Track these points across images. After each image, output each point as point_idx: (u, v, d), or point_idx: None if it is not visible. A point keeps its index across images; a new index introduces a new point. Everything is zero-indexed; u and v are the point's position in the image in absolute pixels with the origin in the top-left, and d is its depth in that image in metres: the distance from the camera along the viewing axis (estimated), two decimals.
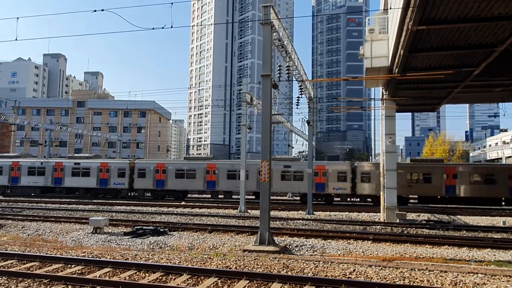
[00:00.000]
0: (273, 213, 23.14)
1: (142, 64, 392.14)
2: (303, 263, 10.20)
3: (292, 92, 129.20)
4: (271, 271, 9.40)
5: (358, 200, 33.26)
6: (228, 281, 8.53)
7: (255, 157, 78.91)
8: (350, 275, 9.07)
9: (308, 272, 9.27)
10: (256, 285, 8.27)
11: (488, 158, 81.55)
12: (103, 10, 15.28)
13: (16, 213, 23.55)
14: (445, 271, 9.34)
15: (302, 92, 22.83)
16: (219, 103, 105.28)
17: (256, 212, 23.58)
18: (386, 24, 19.23)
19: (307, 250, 13.64)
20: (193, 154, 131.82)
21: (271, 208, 16.89)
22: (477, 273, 9.22)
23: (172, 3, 15.79)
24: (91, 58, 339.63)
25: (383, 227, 19.49)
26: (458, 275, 9.03)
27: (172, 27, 15.19)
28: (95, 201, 31.79)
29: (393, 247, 14.01)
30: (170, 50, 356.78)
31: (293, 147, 46.12)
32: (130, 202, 30.83)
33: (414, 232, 17.82)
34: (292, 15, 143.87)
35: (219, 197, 35.93)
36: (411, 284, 8.45)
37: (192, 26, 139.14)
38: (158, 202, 31.09)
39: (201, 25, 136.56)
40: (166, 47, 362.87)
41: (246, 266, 9.88)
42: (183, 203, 31.08)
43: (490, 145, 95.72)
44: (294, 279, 8.48)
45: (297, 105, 24.64)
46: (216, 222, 20.32)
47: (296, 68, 20.19)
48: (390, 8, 17.19)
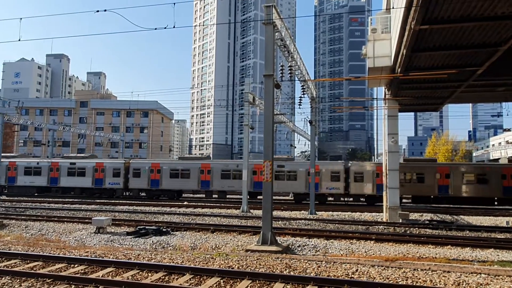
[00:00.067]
0: (275, 213, 23.14)
1: (144, 64, 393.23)
2: (306, 263, 10.19)
3: (294, 92, 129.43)
4: (274, 271, 9.40)
5: (352, 199, 33.37)
6: (231, 281, 8.53)
7: (258, 157, 78.88)
8: (353, 275, 9.06)
9: (311, 272, 9.27)
10: (258, 285, 8.27)
11: (491, 158, 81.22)
12: (105, 11, 15.31)
13: (20, 213, 23.66)
14: (448, 271, 9.32)
15: (305, 92, 22.81)
16: (221, 103, 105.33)
17: (259, 212, 23.60)
18: (389, 24, 19.19)
19: (309, 250, 13.63)
20: (195, 154, 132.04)
21: (274, 208, 16.88)
22: (480, 273, 9.18)
23: (174, 3, 15.83)
24: (94, 59, 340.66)
25: (385, 227, 19.45)
26: (461, 275, 9.00)
27: (174, 27, 15.22)
28: (98, 201, 31.88)
29: (395, 247, 13.99)
30: (173, 51, 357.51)
31: (295, 147, 46.11)
32: (133, 202, 30.90)
33: (417, 232, 17.79)
34: (294, 15, 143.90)
35: (213, 196, 35.93)
36: (414, 284, 8.43)
37: (195, 26, 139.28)
38: (160, 202, 31.14)
39: (203, 25, 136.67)
40: (168, 47, 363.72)
41: (249, 266, 9.88)
42: (185, 203, 31.11)
43: (493, 144, 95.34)
44: (297, 279, 8.48)
45: (299, 105, 24.67)
46: (219, 222, 20.34)
47: (299, 68, 20.18)
48: (393, 8, 17.16)
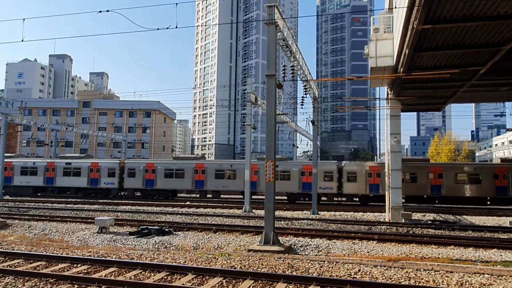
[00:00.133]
0: (277, 213, 23.14)
1: (147, 65, 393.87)
2: (308, 263, 10.18)
3: (296, 91, 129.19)
4: (276, 271, 9.40)
5: (345, 199, 33.44)
6: (233, 281, 8.53)
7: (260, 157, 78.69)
8: (355, 275, 9.05)
9: (313, 272, 9.26)
10: (261, 285, 8.27)
11: (494, 158, 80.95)
12: (108, 11, 15.35)
13: (23, 212, 23.74)
14: (451, 272, 9.29)
15: (307, 92, 22.80)
16: (223, 103, 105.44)
17: (261, 212, 23.61)
18: (391, 23, 19.14)
19: (312, 250, 13.62)
20: (197, 154, 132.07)
21: (276, 208, 16.89)
22: (483, 273, 9.15)
23: (176, 4, 15.85)
24: (97, 59, 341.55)
25: (388, 227, 19.41)
26: (464, 275, 8.98)
27: (176, 27, 15.26)
28: (100, 201, 31.97)
29: (398, 247, 13.96)
30: (175, 51, 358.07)
31: (297, 147, 45.99)
32: (135, 202, 30.98)
33: (420, 232, 17.73)
34: (297, 14, 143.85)
35: (207, 196, 36.02)
36: (417, 284, 8.41)
37: (197, 26, 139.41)
38: (163, 202, 31.20)
39: (205, 25, 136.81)
40: (170, 47, 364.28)
41: (251, 266, 9.88)
42: (187, 203, 31.15)
43: (496, 144, 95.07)
44: (299, 279, 8.47)
45: (301, 105, 24.62)
46: (221, 222, 20.35)
47: (301, 68, 20.17)
48: (395, 7, 17.12)
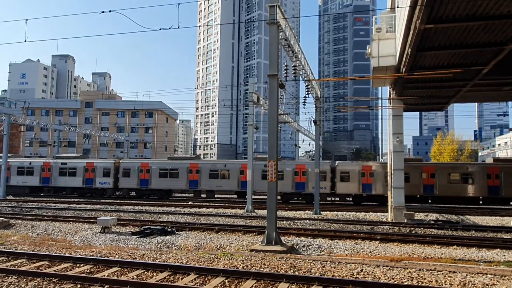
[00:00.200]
0: (280, 213, 23.14)
1: (149, 65, 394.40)
2: (310, 263, 10.18)
3: (299, 91, 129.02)
4: (278, 271, 9.40)
5: (338, 199, 33.50)
6: (235, 280, 8.54)
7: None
8: (358, 275, 9.04)
9: (315, 272, 9.26)
10: (263, 285, 8.27)
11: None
12: (110, 11, 15.38)
13: (26, 212, 23.83)
14: (453, 272, 9.27)
15: (309, 92, 22.79)
16: (225, 103, 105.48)
17: (263, 212, 23.60)
18: (394, 23, 19.11)
19: (314, 250, 13.61)
20: (199, 154, 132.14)
21: (278, 208, 16.88)
22: (486, 273, 9.13)
23: (179, 4, 15.88)
24: (99, 59, 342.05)
25: (390, 227, 19.38)
26: (467, 275, 8.95)
27: (179, 27, 15.28)
28: (103, 201, 32.06)
29: (401, 247, 13.93)
30: (177, 51, 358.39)
31: (300, 147, 45.90)
32: (138, 202, 31.03)
33: (422, 232, 17.69)
34: (299, 14, 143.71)
35: (201, 196, 36.11)
36: (419, 284, 8.40)
37: (199, 26, 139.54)
38: (165, 202, 31.23)
39: (207, 25, 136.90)
40: (172, 48, 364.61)
41: (253, 266, 9.88)
42: (190, 203, 31.17)
43: (499, 144, 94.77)
44: (301, 279, 8.47)
45: (304, 104, 24.62)
46: (223, 222, 20.36)
47: (303, 68, 20.16)
48: (398, 7, 17.10)
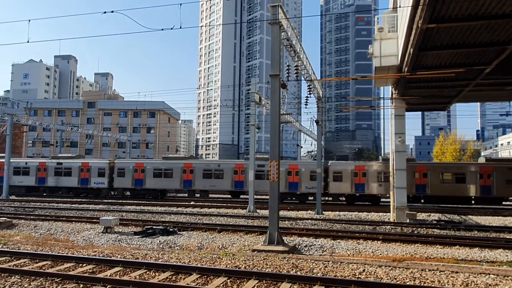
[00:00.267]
0: (282, 213, 23.14)
1: (151, 65, 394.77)
2: (313, 263, 10.17)
3: (300, 91, 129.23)
4: (280, 271, 9.39)
5: (331, 199, 33.60)
6: (238, 280, 8.54)
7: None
8: (360, 275, 9.03)
9: (318, 272, 9.25)
10: (265, 285, 8.27)
11: (499, 157, 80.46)
12: (112, 12, 15.42)
13: (28, 212, 23.90)
14: (456, 272, 9.24)
15: (311, 92, 22.77)
16: (227, 103, 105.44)
17: (265, 212, 23.61)
18: (396, 23, 19.08)
19: (316, 250, 13.61)
20: (201, 154, 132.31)
21: (280, 208, 16.88)
22: (489, 273, 9.10)
23: (180, 4, 15.91)
24: (101, 60, 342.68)
25: (393, 227, 19.35)
26: (469, 275, 8.93)
27: (181, 27, 15.30)
28: (105, 201, 32.13)
29: (403, 247, 13.91)
30: (179, 51, 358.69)
31: (301, 147, 46.01)
32: (140, 202, 31.09)
33: (425, 232, 17.66)
34: (301, 14, 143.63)
35: (195, 196, 36.20)
36: (422, 284, 8.38)
37: (201, 26, 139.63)
38: (167, 202, 31.28)
39: (209, 25, 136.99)
40: (174, 48, 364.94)
41: (255, 266, 9.88)
42: (192, 203, 31.21)
43: (502, 144, 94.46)
44: (304, 279, 8.46)
45: (305, 104, 24.65)
46: (225, 222, 20.38)
47: (305, 68, 20.15)
48: (400, 7, 17.07)
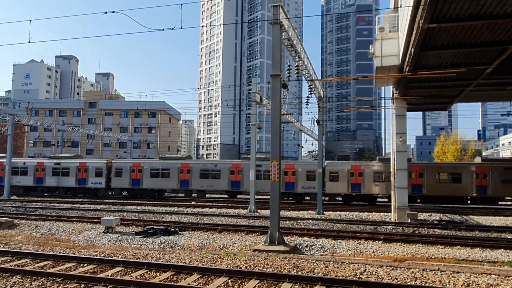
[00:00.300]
0: (283, 213, 23.13)
1: (152, 65, 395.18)
2: (314, 263, 10.17)
3: (301, 91, 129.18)
4: (281, 271, 9.40)
5: (327, 199, 33.53)
6: (239, 280, 8.54)
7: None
8: (361, 275, 9.02)
9: (319, 272, 9.25)
10: (266, 285, 8.27)
11: (495, 157, 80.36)
12: (113, 12, 15.42)
13: (30, 212, 23.93)
14: (457, 272, 9.23)
15: (312, 92, 22.75)
16: (228, 103, 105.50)
17: (266, 212, 23.62)
18: (396, 23, 19.06)
19: (317, 250, 13.60)
20: (202, 154, 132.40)
21: (281, 208, 16.88)
22: (490, 274, 9.09)
23: (181, 4, 15.92)
24: (102, 60, 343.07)
25: (394, 227, 19.33)
26: (470, 276, 8.92)
27: (182, 27, 15.32)
28: (106, 201, 32.16)
29: (404, 247, 13.89)
30: (180, 52, 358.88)
31: (302, 147, 46.02)
32: (141, 202, 31.11)
33: (426, 232, 17.64)
34: (301, 14, 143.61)
35: (192, 195, 36.22)
36: (423, 284, 8.37)
37: (202, 26, 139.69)
38: (168, 202, 31.30)
39: (210, 25, 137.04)
40: (176, 48, 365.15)
41: (256, 266, 9.89)
42: (193, 203, 31.23)
43: (503, 144, 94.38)
44: (305, 279, 8.46)
45: (306, 104, 24.61)
46: (226, 222, 20.38)
47: (306, 68, 20.14)
48: (401, 6, 17.05)
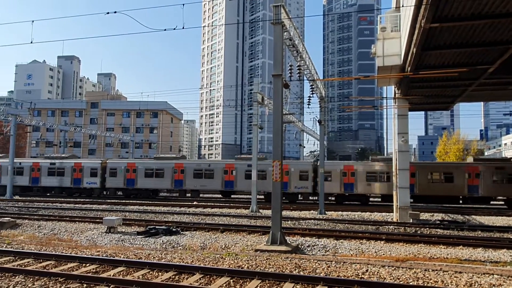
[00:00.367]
0: (284, 212, 23.12)
1: (154, 66, 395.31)
2: (315, 263, 10.17)
3: (303, 91, 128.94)
4: (283, 271, 9.40)
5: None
6: (240, 280, 8.55)
7: (268, 156, 78.56)
8: (363, 276, 9.01)
9: (320, 272, 9.24)
10: (268, 284, 8.28)
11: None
12: (115, 12, 15.44)
13: (32, 212, 23.99)
14: (459, 272, 9.21)
15: (313, 92, 22.75)
16: (230, 103, 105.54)
17: (268, 212, 23.60)
18: (398, 22, 19.03)
19: (319, 250, 13.59)
20: (204, 154, 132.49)
21: (283, 208, 16.87)
22: (492, 274, 9.07)
23: (183, 4, 15.92)
24: (104, 60, 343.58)
25: (396, 227, 19.31)
26: (473, 276, 8.90)
27: (183, 28, 15.33)
28: (108, 201, 32.21)
29: (406, 247, 13.87)
30: (182, 52, 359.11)
31: (304, 147, 45.91)
32: (143, 202, 31.15)
33: (428, 232, 17.60)
34: (303, 14, 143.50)
35: (186, 195, 36.30)
36: (425, 284, 8.36)
37: (203, 26, 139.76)
38: (170, 202, 31.32)
39: (212, 25, 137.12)
40: (177, 48, 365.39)
41: (258, 266, 9.89)
42: (195, 203, 31.24)
43: (505, 143, 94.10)
44: (306, 279, 8.46)
45: (308, 104, 24.55)
46: (228, 221, 20.39)
47: (307, 68, 20.13)
48: (402, 6, 17.02)
